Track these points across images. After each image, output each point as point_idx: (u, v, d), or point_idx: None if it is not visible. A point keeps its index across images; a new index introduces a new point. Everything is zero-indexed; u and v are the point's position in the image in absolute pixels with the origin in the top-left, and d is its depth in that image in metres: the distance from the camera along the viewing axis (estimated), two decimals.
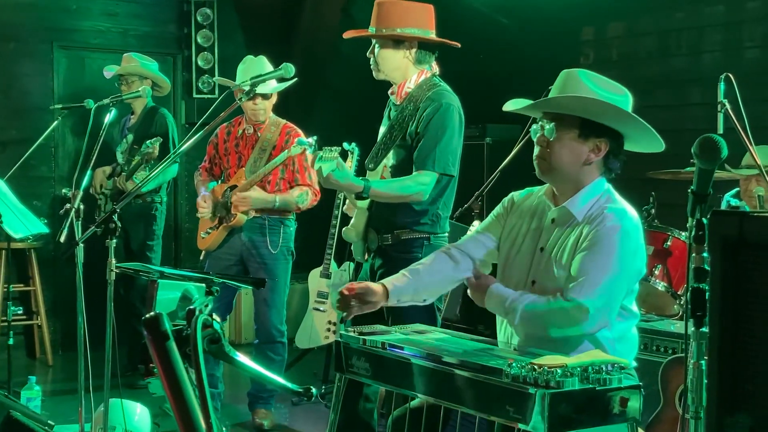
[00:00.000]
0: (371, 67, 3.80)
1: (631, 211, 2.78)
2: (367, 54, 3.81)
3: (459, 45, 3.83)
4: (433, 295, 3.12)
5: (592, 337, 2.72)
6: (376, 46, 3.77)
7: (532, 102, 2.90)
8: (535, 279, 2.84)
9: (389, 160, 3.74)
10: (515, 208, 2.99)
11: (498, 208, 3.04)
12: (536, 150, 2.85)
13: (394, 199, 3.65)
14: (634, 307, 2.85)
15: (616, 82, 2.84)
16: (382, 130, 3.87)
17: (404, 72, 3.76)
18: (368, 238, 3.76)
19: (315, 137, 4.09)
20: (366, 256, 3.80)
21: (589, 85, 2.77)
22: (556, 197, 2.87)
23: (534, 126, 2.89)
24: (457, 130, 3.67)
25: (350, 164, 3.88)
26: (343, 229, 3.89)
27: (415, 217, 3.67)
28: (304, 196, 4.88)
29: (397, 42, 3.72)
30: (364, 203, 3.77)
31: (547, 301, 2.70)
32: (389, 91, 3.83)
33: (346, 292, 2.89)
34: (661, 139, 2.80)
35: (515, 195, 3.04)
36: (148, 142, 5.46)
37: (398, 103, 3.77)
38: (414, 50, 3.74)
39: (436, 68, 3.82)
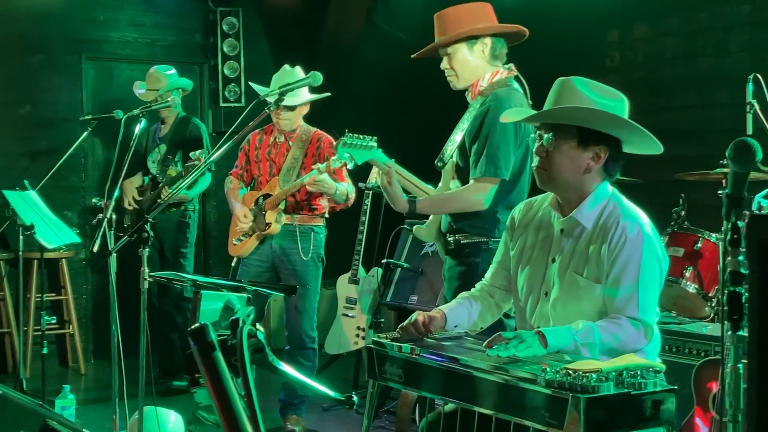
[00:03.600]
0: (448, 79, 3.73)
1: (643, 215, 2.79)
2: (442, 67, 3.73)
3: (527, 31, 3.74)
4: (485, 322, 3.09)
5: None
6: (450, 55, 3.69)
7: (530, 114, 2.91)
8: (548, 290, 2.84)
9: (456, 157, 3.72)
10: (517, 226, 3.01)
11: (504, 234, 3.08)
12: (536, 160, 2.84)
13: (449, 212, 3.68)
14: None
15: (612, 87, 2.83)
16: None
17: (480, 71, 3.69)
18: (441, 240, 3.80)
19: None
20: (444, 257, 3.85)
21: (586, 93, 2.77)
22: (561, 206, 2.87)
23: (531, 135, 2.90)
24: (510, 132, 3.56)
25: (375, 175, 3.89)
26: (414, 227, 3.92)
27: (471, 220, 3.64)
28: (351, 188, 4.91)
29: (471, 41, 3.67)
30: None
31: (611, 334, 2.64)
32: (466, 93, 3.77)
33: (419, 329, 2.85)
34: (658, 142, 2.78)
35: (514, 212, 3.06)
36: (191, 153, 5.45)
37: (471, 101, 3.73)
38: (488, 45, 3.69)
39: (514, 71, 3.74)
